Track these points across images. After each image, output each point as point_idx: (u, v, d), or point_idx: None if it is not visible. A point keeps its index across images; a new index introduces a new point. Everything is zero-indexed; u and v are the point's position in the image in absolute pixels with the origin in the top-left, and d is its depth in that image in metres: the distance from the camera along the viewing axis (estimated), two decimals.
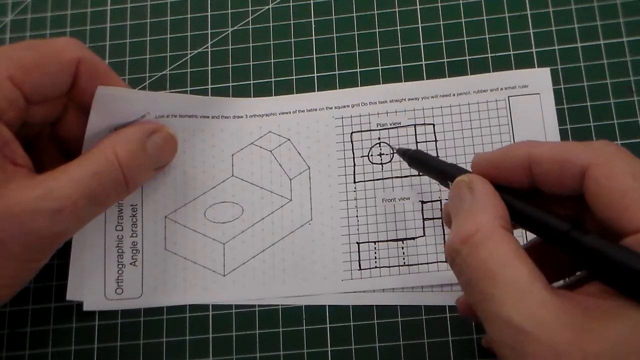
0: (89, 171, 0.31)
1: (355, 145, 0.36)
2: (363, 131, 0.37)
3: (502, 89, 0.36)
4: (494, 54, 0.37)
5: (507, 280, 0.23)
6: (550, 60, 0.37)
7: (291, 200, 0.36)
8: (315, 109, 0.37)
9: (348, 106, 0.37)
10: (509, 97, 0.36)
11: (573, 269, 0.28)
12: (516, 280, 0.23)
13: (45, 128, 0.35)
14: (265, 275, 0.35)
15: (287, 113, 0.37)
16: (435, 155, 0.36)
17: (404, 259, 0.35)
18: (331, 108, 0.37)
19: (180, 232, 0.36)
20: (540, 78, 0.36)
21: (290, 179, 0.36)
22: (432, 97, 0.37)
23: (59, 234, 0.31)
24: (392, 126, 0.36)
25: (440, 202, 0.35)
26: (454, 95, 0.36)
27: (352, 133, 0.37)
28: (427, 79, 0.37)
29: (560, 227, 0.24)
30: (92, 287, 0.35)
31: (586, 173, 0.24)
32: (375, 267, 0.35)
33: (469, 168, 0.28)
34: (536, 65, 0.37)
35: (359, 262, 0.35)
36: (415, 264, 0.34)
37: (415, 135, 0.36)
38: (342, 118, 0.37)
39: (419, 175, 0.35)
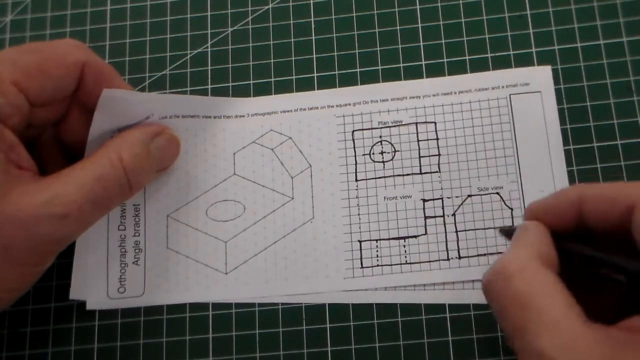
0: (93, 175, 0.31)
1: (356, 144, 0.36)
2: (364, 129, 0.37)
3: (503, 87, 0.36)
4: (493, 54, 0.37)
5: (541, 311, 0.23)
6: (550, 60, 0.37)
7: (293, 198, 0.36)
8: (317, 107, 0.37)
9: (350, 104, 0.37)
10: (510, 95, 0.36)
11: (620, 308, 0.27)
12: (550, 310, 0.23)
13: (47, 128, 0.35)
14: (267, 273, 0.35)
15: (288, 111, 0.37)
16: (437, 154, 0.36)
17: (405, 257, 0.35)
18: (333, 106, 0.37)
19: (182, 231, 0.36)
20: (541, 76, 0.36)
21: (292, 178, 0.36)
22: (433, 95, 0.37)
23: (63, 238, 0.31)
24: (393, 124, 0.36)
25: (442, 200, 0.35)
26: (455, 93, 0.36)
27: (353, 131, 0.37)
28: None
29: None
30: (95, 286, 0.35)
31: (633, 210, 0.25)
32: (377, 265, 0.35)
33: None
34: (536, 64, 0.37)
35: (361, 261, 0.35)
36: (417, 262, 0.34)
37: (417, 133, 0.36)
38: (344, 116, 0.37)
39: (420, 173, 0.35)
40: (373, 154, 0.36)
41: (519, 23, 0.38)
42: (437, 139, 0.36)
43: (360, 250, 0.35)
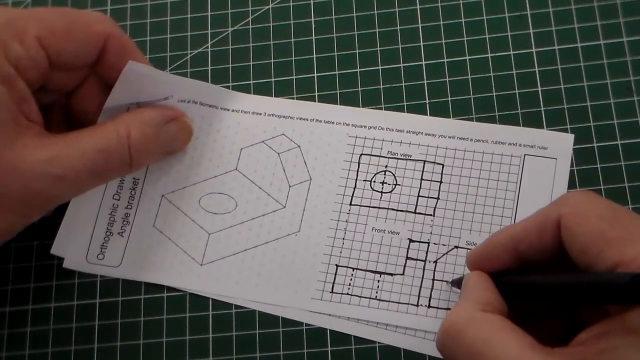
0: (98, 145, 0.32)
1: (361, 168, 0.36)
2: (372, 155, 0.36)
3: (520, 145, 0.35)
4: (493, 54, 0.37)
5: (494, 356, 0.23)
6: (550, 60, 0.37)
7: (284, 207, 0.36)
8: (333, 122, 0.37)
9: (365, 127, 0.37)
10: (525, 154, 0.35)
11: (566, 325, 0.27)
12: (505, 354, 0.23)
13: (59, 98, 0.35)
14: (240, 275, 0.35)
15: (304, 119, 0.37)
16: (436, 197, 0.35)
17: (376, 292, 0.34)
18: (348, 125, 0.37)
19: (172, 214, 0.36)
20: (562, 143, 0.35)
21: (290, 186, 0.36)
22: (449, 136, 0.36)
23: (55, 197, 0.32)
24: (402, 157, 0.36)
25: (428, 245, 0.34)
26: (471, 140, 0.36)
27: (361, 155, 0.36)
28: (426, 80, 0.37)
29: (621, 279, 0.22)
30: (76, 246, 0.36)
31: (560, 225, 0.25)
32: (347, 294, 0.34)
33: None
34: (536, 64, 0.37)
35: (333, 285, 0.34)
36: (386, 301, 0.34)
37: (423, 171, 0.35)
38: (356, 137, 0.36)
39: (414, 212, 0.35)
40: (374, 182, 0.36)
41: (519, 23, 0.38)
42: (441, 182, 0.35)
43: (335, 274, 0.34)
